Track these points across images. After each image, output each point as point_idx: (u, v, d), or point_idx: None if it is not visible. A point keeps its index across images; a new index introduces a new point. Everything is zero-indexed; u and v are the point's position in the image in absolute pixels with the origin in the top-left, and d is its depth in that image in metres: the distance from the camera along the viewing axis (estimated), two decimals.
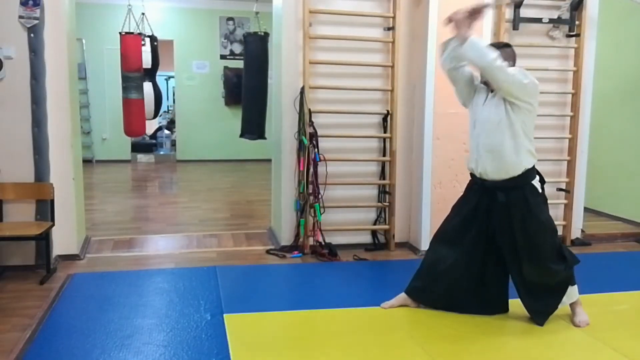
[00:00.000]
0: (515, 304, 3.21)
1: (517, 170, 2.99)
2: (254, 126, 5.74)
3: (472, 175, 3.21)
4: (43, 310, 3.23)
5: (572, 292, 3.15)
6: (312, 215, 4.47)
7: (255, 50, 5.65)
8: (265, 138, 5.77)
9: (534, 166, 3.04)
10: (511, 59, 3.01)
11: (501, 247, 3.14)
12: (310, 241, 4.52)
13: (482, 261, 3.19)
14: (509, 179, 2.99)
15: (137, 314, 3.21)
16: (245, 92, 5.79)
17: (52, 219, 3.99)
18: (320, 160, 4.43)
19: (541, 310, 3.13)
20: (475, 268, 3.19)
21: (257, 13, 5.90)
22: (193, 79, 10.34)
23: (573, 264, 3.11)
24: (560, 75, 4.84)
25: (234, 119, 9.88)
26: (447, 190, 4.41)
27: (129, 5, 6.43)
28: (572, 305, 3.19)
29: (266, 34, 5.56)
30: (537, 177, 3.08)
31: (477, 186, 3.15)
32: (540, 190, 3.08)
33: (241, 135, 5.88)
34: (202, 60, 10.30)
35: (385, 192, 4.71)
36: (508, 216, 3.03)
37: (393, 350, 2.80)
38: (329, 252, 4.40)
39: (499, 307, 3.27)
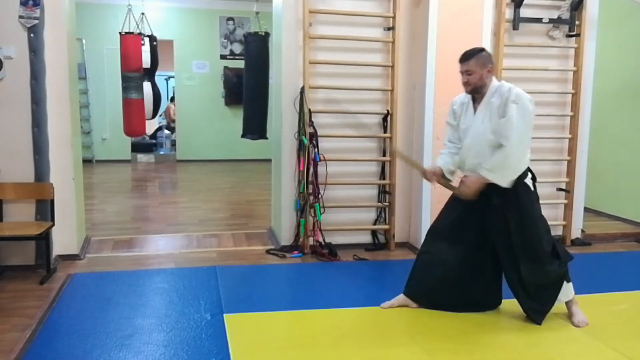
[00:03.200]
0: (514, 303, 3.21)
1: None
2: (255, 126, 5.75)
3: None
4: (43, 310, 3.23)
5: (568, 290, 3.15)
6: (312, 215, 4.47)
7: (255, 50, 5.65)
8: (266, 138, 5.78)
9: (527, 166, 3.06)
10: (489, 62, 3.04)
11: (495, 246, 3.16)
12: (310, 241, 4.52)
13: (475, 259, 3.19)
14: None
15: (137, 314, 3.21)
16: (246, 92, 5.80)
17: (52, 219, 3.99)
18: (320, 160, 4.43)
19: (538, 309, 3.14)
20: (469, 266, 3.19)
21: (257, 13, 5.90)
22: (193, 79, 10.35)
23: (567, 261, 3.14)
24: (560, 75, 4.84)
25: (234, 119, 9.89)
26: (447, 190, 4.39)
27: (129, 5, 6.44)
28: (569, 306, 3.18)
29: (267, 34, 5.56)
30: (530, 175, 3.09)
31: None
32: (532, 189, 3.09)
33: (243, 136, 5.89)
34: (202, 60, 10.30)
35: (385, 192, 4.71)
36: (503, 217, 3.04)
37: (393, 350, 2.80)
38: (329, 252, 4.40)
39: (492, 304, 3.30)
